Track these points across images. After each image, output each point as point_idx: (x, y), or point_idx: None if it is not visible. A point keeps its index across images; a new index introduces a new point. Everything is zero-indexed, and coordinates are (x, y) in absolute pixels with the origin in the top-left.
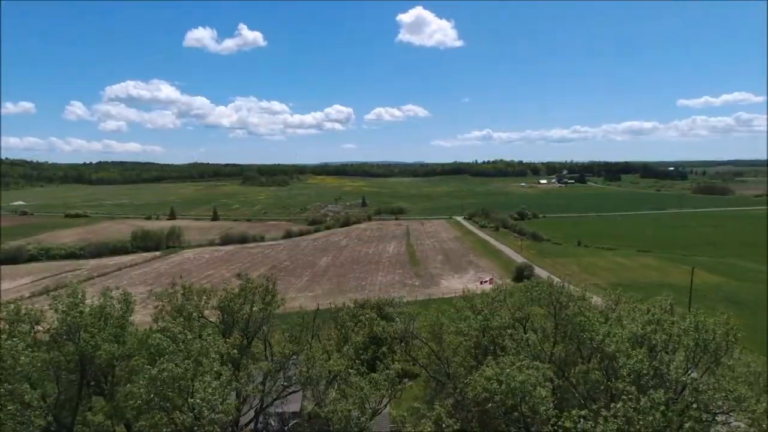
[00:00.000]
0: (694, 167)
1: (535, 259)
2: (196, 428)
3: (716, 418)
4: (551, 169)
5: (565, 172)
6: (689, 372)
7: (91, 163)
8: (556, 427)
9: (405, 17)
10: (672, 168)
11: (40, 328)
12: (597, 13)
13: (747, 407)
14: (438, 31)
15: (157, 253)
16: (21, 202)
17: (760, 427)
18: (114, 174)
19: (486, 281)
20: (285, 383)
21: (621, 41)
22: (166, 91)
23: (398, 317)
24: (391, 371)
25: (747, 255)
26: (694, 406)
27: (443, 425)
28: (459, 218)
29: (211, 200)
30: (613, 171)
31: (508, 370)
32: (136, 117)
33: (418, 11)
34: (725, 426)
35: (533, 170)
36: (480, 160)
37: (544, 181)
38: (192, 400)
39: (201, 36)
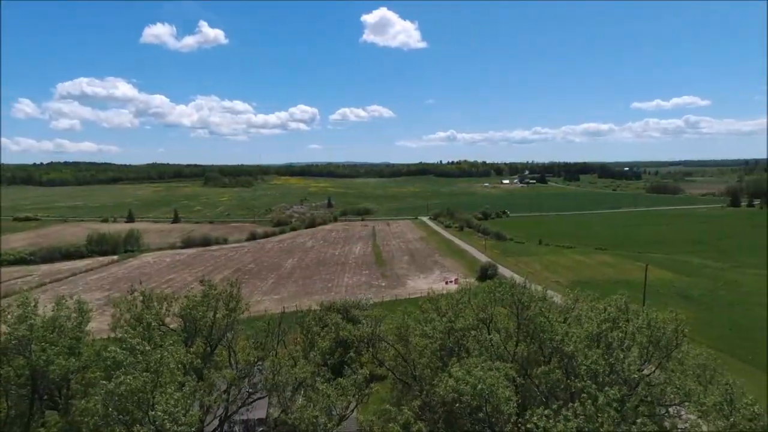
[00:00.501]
0: (648, 167)
1: (499, 258)
2: None
3: (668, 410)
4: (513, 169)
5: (526, 172)
6: (643, 368)
7: (41, 163)
8: (518, 426)
9: (369, 18)
10: (627, 168)
11: None
12: (558, 16)
13: (696, 400)
14: (402, 32)
15: (115, 257)
16: None
17: (707, 419)
18: (67, 175)
19: (451, 281)
20: (250, 390)
21: (580, 45)
22: (123, 88)
23: (365, 320)
24: (358, 376)
25: (697, 252)
26: (648, 399)
27: (414, 429)
28: (424, 218)
29: (171, 202)
30: (572, 171)
31: (476, 371)
32: (91, 115)
33: (383, 12)
34: (678, 419)
35: (496, 171)
36: (444, 161)
37: (506, 182)
38: (153, 413)
39: (159, 32)
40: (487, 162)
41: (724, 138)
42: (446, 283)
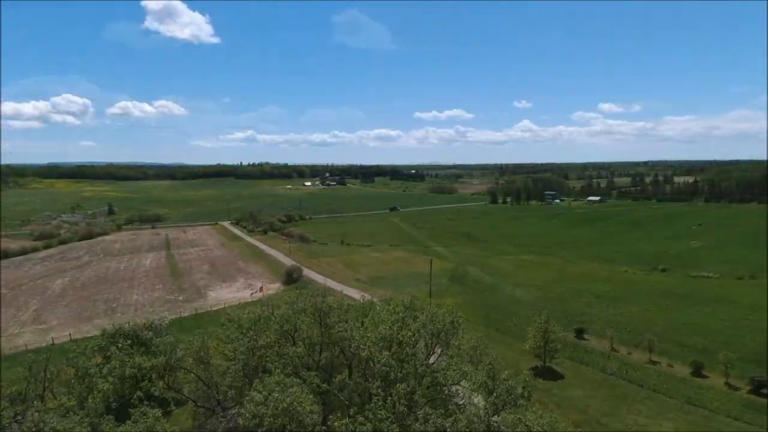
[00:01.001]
0: (429, 170)
1: (304, 261)
2: None
3: (449, 389)
4: (315, 171)
5: (327, 174)
6: (429, 358)
7: None
8: None
9: (151, 4)
10: (414, 171)
11: None
12: (353, 23)
13: (470, 379)
14: (190, 23)
15: None
16: None
17: (478, 394)
18: None
19: (256, 292)
20: None
21: (366, 58)
22: None
23: (158, 347)
24: (148, 419)
25: (469, 243)
26: (434, 384)
27: None
28: (225, 223)
29: None
30: (368, 173)
31: (276, 393)
32: None
33: (167, 1)
34: (456, 396)
35: (299, 173)
36: (245, 162)
37: (308, 183)
38: None
39: None
40: (289, 164)
41: (484, 145)
42: (251, 295)
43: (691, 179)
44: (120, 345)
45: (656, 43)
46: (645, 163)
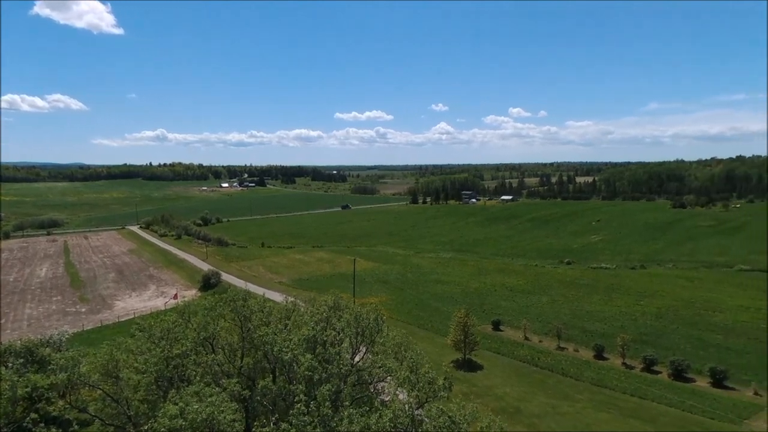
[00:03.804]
0: (351, 171)
1: (222, 265)
2: None
3: (375, 387)
4: (233, 172)
5: (245, 175)
6: (353, 357)
7: None
8: None
9: None
10: (335, 172)
11: None
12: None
13: (395, 375)
14: (89, 11)
15: None
16: None
17: (402, 389)
18: None
19: (169, 300)
20: None
21: (298, 57)
22: None
23: (58, 363)
24: None
25: (391, 242)
26: (359, 382)
27: None
28: (134, 228)
29: None
30: (288, 174)
31: (194, 404)
32: None
33: None
34: (381, 393)
35: (215, 174)
36: (155, 162)
37: (225, 185)
38: None
39: None
40: (204, 164)
41: (404, 147)
42: (165, 304)
43: (590, 179)
44: (11, 364)
45: (557, 53)
46: (551, 164)
